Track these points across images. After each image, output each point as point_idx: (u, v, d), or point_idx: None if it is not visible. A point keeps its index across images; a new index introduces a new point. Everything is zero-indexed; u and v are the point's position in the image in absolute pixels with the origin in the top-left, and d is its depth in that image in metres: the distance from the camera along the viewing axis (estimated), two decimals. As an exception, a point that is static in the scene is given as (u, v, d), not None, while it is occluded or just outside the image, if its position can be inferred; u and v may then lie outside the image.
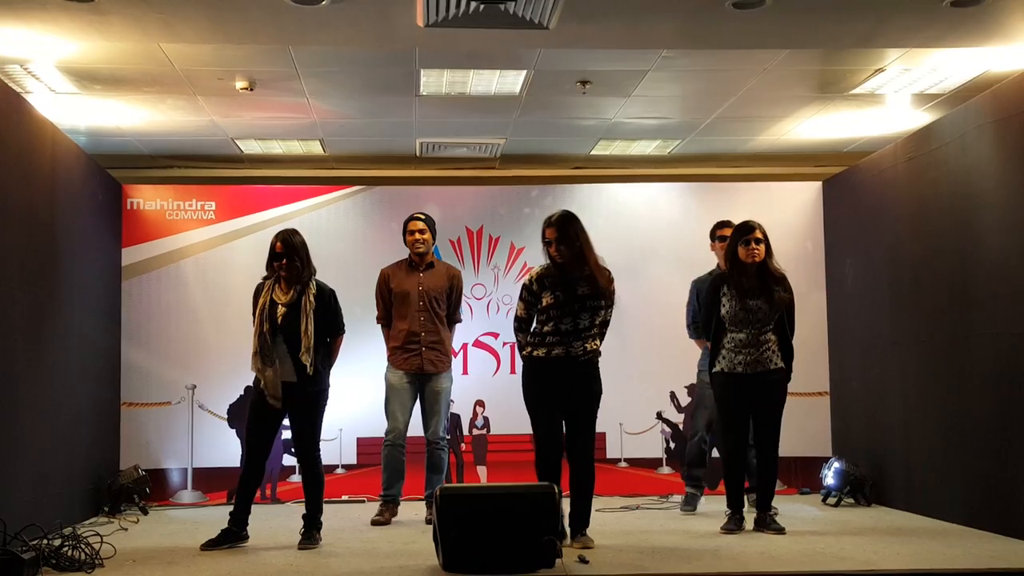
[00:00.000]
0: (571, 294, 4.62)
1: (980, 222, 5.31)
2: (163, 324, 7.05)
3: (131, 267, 7.05)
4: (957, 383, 5.51)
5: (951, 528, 5.33)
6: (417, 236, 5.78)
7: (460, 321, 6.02)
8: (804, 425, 7.18)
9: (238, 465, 6.69)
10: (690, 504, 6.06)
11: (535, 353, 4.66)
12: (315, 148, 7.24)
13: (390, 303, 5.81)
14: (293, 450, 5.12)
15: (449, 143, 7.21)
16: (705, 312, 5.37)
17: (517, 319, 4.77)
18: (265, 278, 4.98)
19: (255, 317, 4.91)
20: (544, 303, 4.63)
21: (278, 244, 4.88)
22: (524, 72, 5.66)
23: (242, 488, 4.94)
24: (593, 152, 7.46)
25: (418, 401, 5.81)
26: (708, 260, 6.09)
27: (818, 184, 7.48)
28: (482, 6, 4.28)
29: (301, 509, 5.02)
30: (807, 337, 7.27)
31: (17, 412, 5.01)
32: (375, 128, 6.83)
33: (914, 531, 5.28)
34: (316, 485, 4.96)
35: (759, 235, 5.14)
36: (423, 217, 5.87)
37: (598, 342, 4.74)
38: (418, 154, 7.43)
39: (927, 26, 4.76)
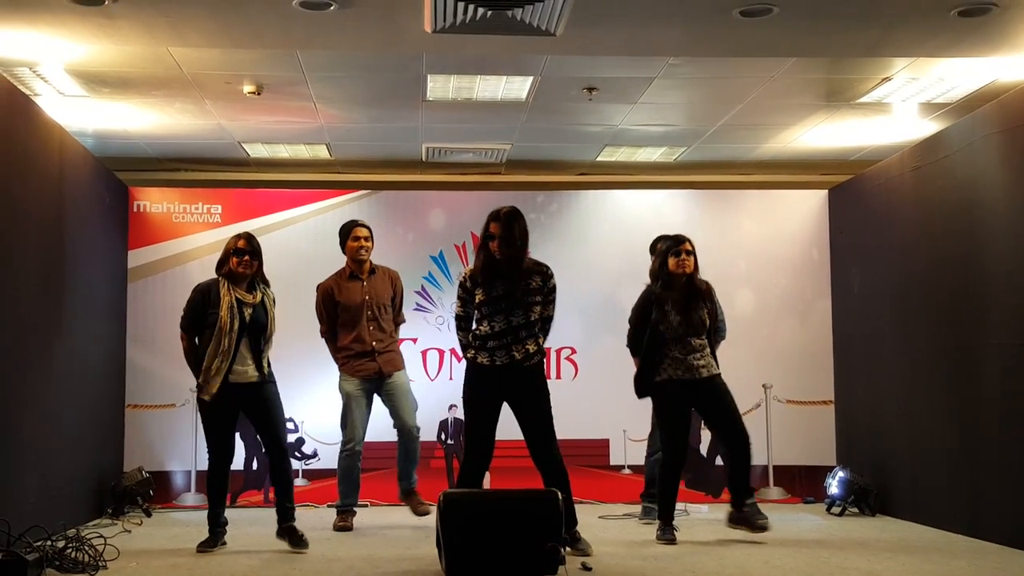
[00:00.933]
0: (502, 291, 4.58)
1: (987, 232, 5.30)
2: (168, 326, 6.97)
3: (137, 269, 7.07)
4: (963, 393, 5.49)
5: (956, 539, 5.31)
6: (362, 243, 5.78)
7: (404, 321, 6.01)
8: (809, 434, 7.17)
9: (242, 468, 6.74)
10: (649, 516, 5.88)
11: (479, 359, 4.62)
12: (321, 152, 7.25)
13: (335, 316, 5.76)
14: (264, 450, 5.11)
15: (455, 148, 7.22)
16: (637, 329, 5.28)
17: (456, 317, 4.76)
18: (220, 275, 4.96)
19: (218, 315, 4.85)
20: (477, 300, 4.62)
21: (242, 242, 4.94)
22: (531, 78, 5.67)
23: (210, 487, 5.00)
24: (599, 158, 7.46)
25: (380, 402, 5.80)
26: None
27: (824, 192, 7.47)
28: (489, 12, 4.28)
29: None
30: (812, 345, 7.29)
31: (24, 413, 5.03)
32: (381, 133, 6.85)
33: (919, 542, 5.26)
34: (289, 480, 5.01)
35: (689, 247, 5.22)
36: (366, 224, 5.87)
37: (541, 339, 4.68)
38: (424, 159, 7.44)
39: (934, 36, 4.75)
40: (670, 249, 5.22)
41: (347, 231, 5.84)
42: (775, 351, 7.21)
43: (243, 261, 4.92)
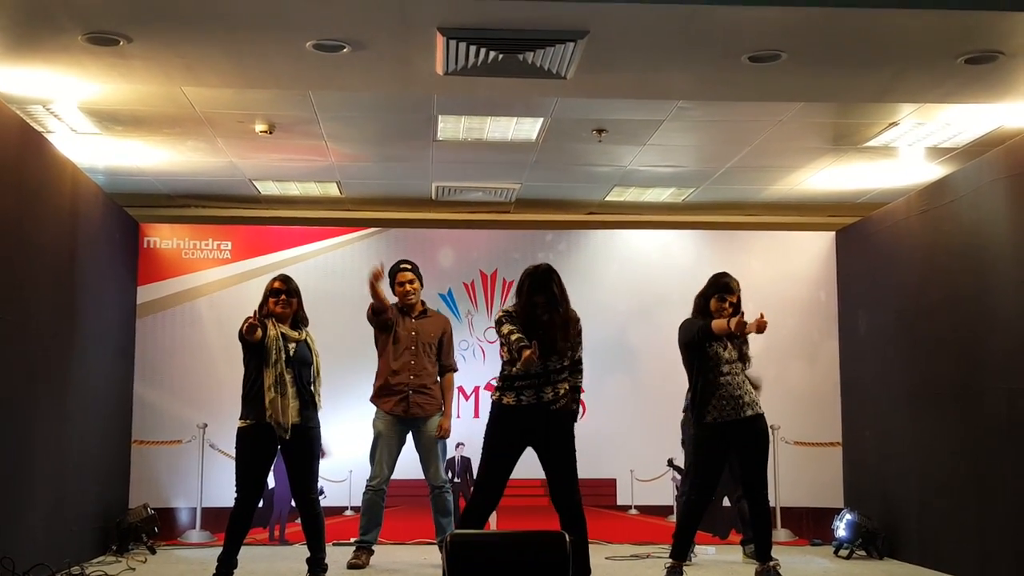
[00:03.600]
0: (542, 336, 4.50)
1: (993, 276, 5.30)
2: (176, 363, 7.07)
3: (146, 305, 7.09)
4: (970, 436, 5.46)
5: (965, 585, 5.26)
6: (407, 287, 5.82)
7: (455, 368, 6.00)
8: (816, 475, 7.12)
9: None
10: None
11: (505, 400, 4.54)
12: (332, 190, 7.30)
13: (385, 338, 5.81)
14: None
15: (465, 187, 7.26)
16: None
17: (509, 333, 4.55)
18: (259, 316, 4.92)
19: (264, 351, 4.83)
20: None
21: (278, 283, 4.99)
22: (541, 119, 5.72)
23: (233, 528, 4.85)
24: (608, 198, 7.50)
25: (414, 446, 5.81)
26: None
27: (831, 234, 7.49)
28: (501, 56, 4.33)
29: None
30: (819, 386, 7.27)
31: (33, 448, 5.03)
32: (392, 171, 6.90)
33: (927, 587, 5.22)
34: (318, 526, 4.94)
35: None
36: (411, 267, 5.89)
37: (572, 381, 4.61)
38: (434, 197, 7.48)
39: (941, 82, 4.78)
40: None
41: (393, 274, 5.89)
42: (782, 392, 7.17)
43: (280, 300, 4.95)
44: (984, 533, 5.30)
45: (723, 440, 5.03)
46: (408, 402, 5.73)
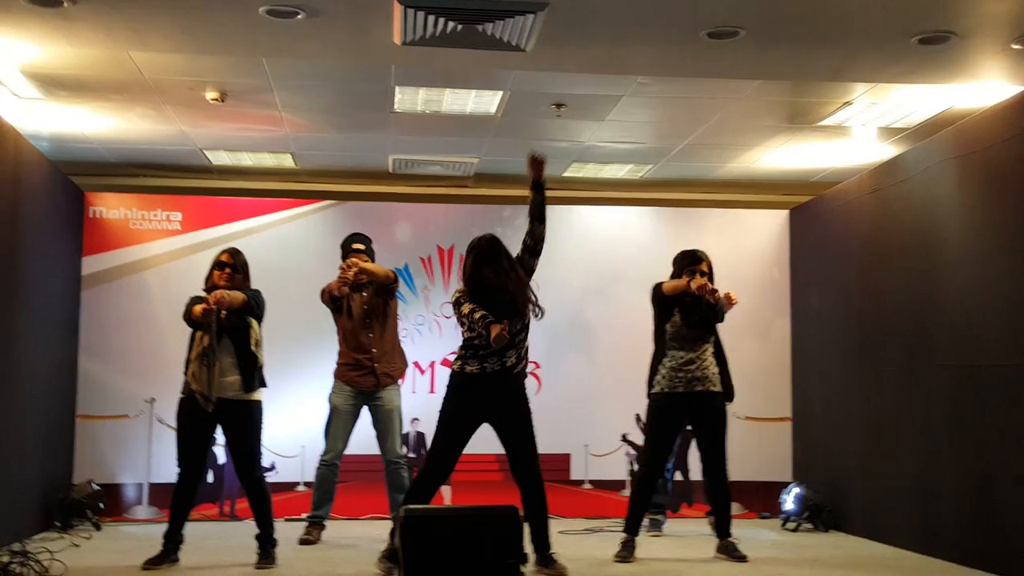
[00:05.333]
0: (500, 302, 4.50)
1: (942, 255, 5.39)
2: (123, 336, 6.92)
3: (91, 277, 6.93)
4: (917, 412, 5.57)
5: (908, 556, 5.38)
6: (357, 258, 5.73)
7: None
8: (766, 450, 7.24)
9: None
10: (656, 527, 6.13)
11: (468, 368, 4.50)
12: (286, 161, 7.18)
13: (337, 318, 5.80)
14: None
15: (423, 160, 7.19)
16: None
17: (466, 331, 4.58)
18: (205, 290, 4.86)
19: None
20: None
21: (225, 255, 4.92)
22: (500, 93, 5.67)
23: (176, 503, 4.80)
24: (566, 174, 7.48)
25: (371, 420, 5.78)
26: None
27: (785, 212, 7.56)
28: (460, 27, 4.27)
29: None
30: (770, 363, 7.36)
31: (-30, 423, 4.89)
32: (348, 143, 6.80)
33: (871, 559, 5.33)
34: (265, 504, 4.88)
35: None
36: (364, 248, 5.79)
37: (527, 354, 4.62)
38: (391, 171, 7.40)
39: (895, 62, 4.84)
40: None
41: (346, 250, 5.80)
42: (734, 368, 7.12)
43: (224, 274, 4.86)
44: (927, 507, 5.42)
45: (672, 412, 5.06)
46: (376, 375, 5.69)
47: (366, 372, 5.70)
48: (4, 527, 5.00)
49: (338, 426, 5.69)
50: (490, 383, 4.50)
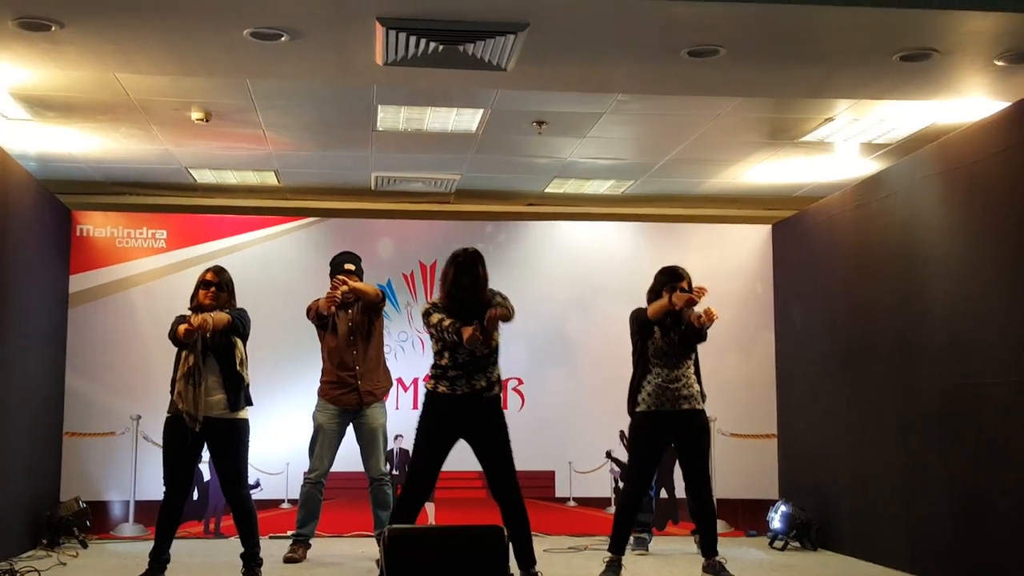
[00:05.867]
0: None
1: (925, 271, 5.42)
2: (109, 353, 6.92)
3: (78, 294, 6.93)
4: (902, 429, 5.58)
5: (896, 575, 5.38)
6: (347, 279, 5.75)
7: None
8: (752, 467, 7.24)
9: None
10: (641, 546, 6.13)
11: (439, 388, 4.55)
12: (270, 179, 7.20)
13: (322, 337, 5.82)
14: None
15: (405, 178, 7.22)
16: None
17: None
18: (192, 309, 4.89)
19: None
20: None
21: (210, 274, 4.95)
22: (481, 111, 5.71)
23: (162, 522, 4.79)
24: (547, 190, 7.52)
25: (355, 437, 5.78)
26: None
27: (768, 227, 7.61)
28: (441, 47, 4.31)
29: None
30: (755, 378, 7.38)
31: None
32: (331, 161, 6.83)
33: (858, 577, 5.33)
34: (250, 522, 4.88)
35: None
36: (355, 267, 5.81)
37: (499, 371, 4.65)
38: (373, 188, 7.43)
39: (877, 79, 4.86)
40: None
41: (336, 269, 5.80)
42: (718, 384, 7.22)
43: (209, 293, 4.88)
44: (915, 525, 5.42)
45: (656, 431, 5.07)
46: (359, 393, 5.69)
47: (349, 390, 5.71)
48: (-10, 546, 4.99)
49: (323, 444, 5.70)
50: (461, 404, 4.54)
